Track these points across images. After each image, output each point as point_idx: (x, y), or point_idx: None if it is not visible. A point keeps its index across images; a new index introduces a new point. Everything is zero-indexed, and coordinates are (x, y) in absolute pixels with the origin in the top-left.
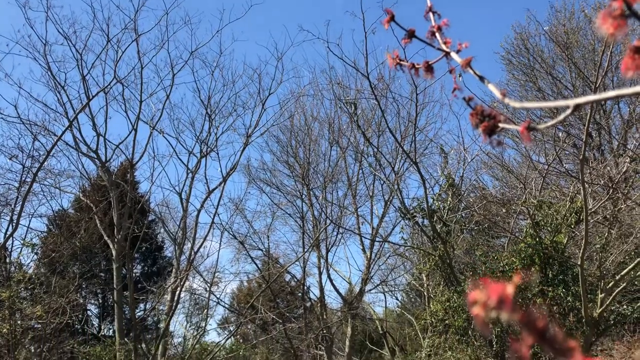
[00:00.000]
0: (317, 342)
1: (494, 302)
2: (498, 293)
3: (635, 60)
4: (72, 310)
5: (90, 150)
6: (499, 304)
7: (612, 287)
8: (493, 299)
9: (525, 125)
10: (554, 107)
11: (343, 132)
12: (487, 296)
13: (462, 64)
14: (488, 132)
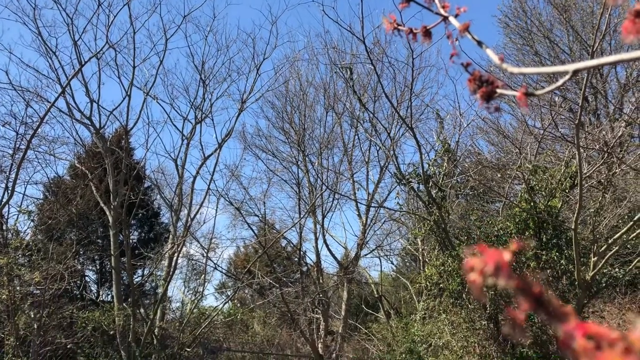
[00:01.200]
0: (313, 306)
1: (491, 269)
2: (495, 260)
3: (636, 24)
4: (70, 276)
5: (84, 116)
6: (496, 271)
7: (604, 251)
8: (490, 266)
9: (522, 92)
10: (552, 72)
11: (339, 98)
12: (484, 263)
13: (460, 29)
14: (486, 98)
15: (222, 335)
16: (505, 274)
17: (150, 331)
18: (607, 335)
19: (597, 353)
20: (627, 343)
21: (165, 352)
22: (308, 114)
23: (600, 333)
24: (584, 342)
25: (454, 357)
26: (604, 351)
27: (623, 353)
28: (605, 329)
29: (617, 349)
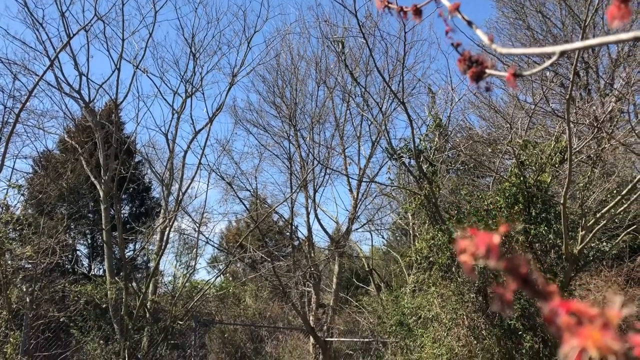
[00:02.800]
0: (305, 280)
1: (482, 252)
2: (486, 243)
3: (621, 10)
4: (61, 250)
5: (73, 90)
6: (486, 253)
7: (592, 225)
8: (481, 249)
9: (511, 72)
10: (540, 53)
11: (330, 72)
12: (476, 246)
13: (450, 9)
14: (475, 78)
15: (215, 308)
16: (495, 256)
17: (143, 304)
18: (587, 312)
19: (578, 328)
20: (606, 319)
21: (157, 325)
22: (299, 88)
23: (581, 310)
24: (566, 319)
25: (443, 328)
26: (584, 326)
27: (601, 328)
28: (587, 306)
29: (596, 324)
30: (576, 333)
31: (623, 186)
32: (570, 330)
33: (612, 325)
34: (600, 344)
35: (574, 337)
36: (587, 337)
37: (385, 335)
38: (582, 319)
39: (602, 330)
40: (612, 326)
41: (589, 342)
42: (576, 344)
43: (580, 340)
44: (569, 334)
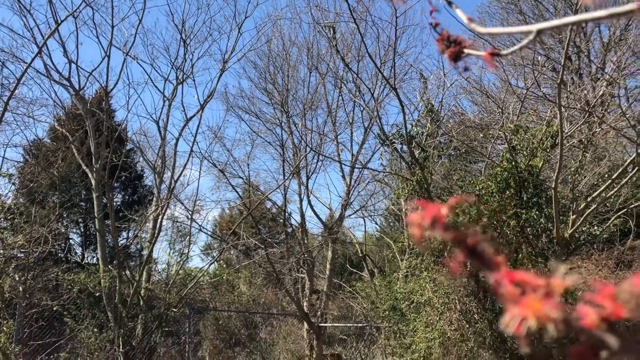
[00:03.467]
0: (298, 266)
1: (428, 222)
2: (432, 214)
3: None
4: (54, 239)
5: (62, 77)
6: (432, 224)
7: (583, 209)
8: (427, 220)
9: (489, 52)
10: (517, 32)
11: (322, 58)
12: (423, 217)
13: None
14: (454, 58)
15: (209, 295)
16: (441, 226)
17: (137, 292)
18: (531, 281)
19: (521, 298)
20: (548, 288)
21: (151, 312)
22: (291, 75)
23: (525, 280)
24: (511, 288)
25: (435, 313)
26: (527, 296)
27: (544, 297)
28: (531, 276)
29: (539, 293)
30: (518, 302)
31: (614, 170)
32: (514, 300)
33: (555, 294)
34: (540, 312)
35: (516, 306)
36: (528, 306)
37: (378, 320)
38: (526, 288)
39: (543, 299)
40: (555, 295)
41: (528, 311)
42: (517, 313)
43: (520, 309)
44: (511, 303)
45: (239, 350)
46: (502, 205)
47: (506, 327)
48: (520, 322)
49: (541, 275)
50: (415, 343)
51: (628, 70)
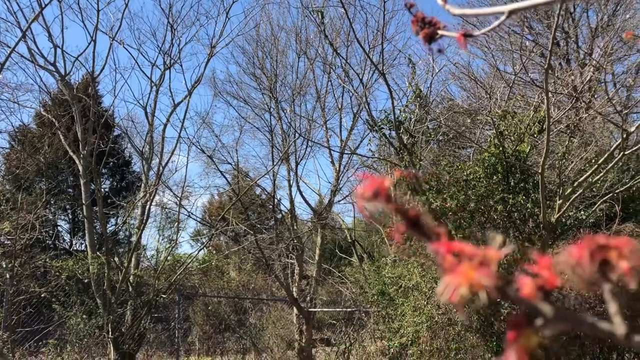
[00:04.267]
0: (288, 252)
1: (370, 194)
2: (374, 186)
3: None
4: (41, 226)
5: (47, 62)
6: (374, 195)
7: (569, 194)
8: (369, 191)
9: (461, 33)
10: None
11: (311, 43)
12: (364, 188)
13: None
14: (428, 39)
15: (198, 281)
16: (383, 198)
17: (125, 279)
18: (467, 251)
19: (457, 266)
20: (484, 257)
21: (140, 298)
22: (280, 60)
23: (462, 249)
24: (449, 258)
25: (423, 297)
26: (461, 265)
27: (478, 265)
28: (469, 246)
29: (474, 262)
30: (455, 271)
31: (601, 155)
32: (451, 269)
33: (490, 263)
34: (472, 280)
35: (451, 275)
36: (462, 274)
37: (367, 305)
38: (462, 258)
39: (478, 267)
40: (490, 264)
41: (462, 279)
42: (451, 281)
43: (454, 277)
44: (448, 272)
45: (229, 335)
46: (489, 191)
47: (440, 295)
48: (454, 290)
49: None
50: (403, 327)
51: (615, 56)
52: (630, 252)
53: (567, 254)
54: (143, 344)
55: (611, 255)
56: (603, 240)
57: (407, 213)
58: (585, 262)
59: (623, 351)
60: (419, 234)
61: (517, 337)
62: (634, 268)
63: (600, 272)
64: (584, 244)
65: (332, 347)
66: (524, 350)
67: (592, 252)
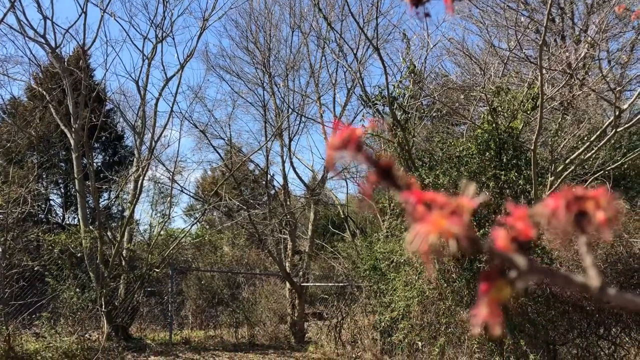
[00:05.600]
0: (281, 227)
1: (339, 143)
2: (344, 134)
3: None
4: (33, 199)
5: (37, 34)
6: (344, 144)
7: (561, 171)
8: (339, 140)
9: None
10: None
11: (305, 17)
12: (335, 138)
13: None
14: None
15: (191, 256)
16: (353, 147)
17: (118, 253)
18: (439, 200)
19: (427, 215)
20: (456, 206)
21: (133, 272)
22: (273, 34)
23: (434, 199)
24: (419, 207)
25: (414, 272)
26: (432, 213)
27: (450, 214)
28: (440, 196)
29: (446, 211)
30: (423, 220)
31: (593, 133)
32: (421, 218)
33: (462, 213)
34: (442, 229)
35: (421, 223)
36: (432, 223)
37: (359, 280)
38: (433, 206)
39: (450, 216)
40: (462, 214)
41: (431, 228)
42: (420, 230)
43: (424, 226)
44: (417, 221)
45: (222, 309)
46: (481, 167)
47: (409, 244)
48: (423, 239)
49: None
50: (394, 301)
51: (610, 33)
52: (608, 203)
53: (543, 205)
54: (136, 318)
55: (588, 206)
56: (580, 192)
57: (378, 163)
58: (561, 213)
59: (610, 325)
60: (389, 184)
61: (488, 290)
62: (610, 219)
63: (576, 223)
64: (561, 195)
65: (324, 321)
66: (495, 303)
67: (568, 203)
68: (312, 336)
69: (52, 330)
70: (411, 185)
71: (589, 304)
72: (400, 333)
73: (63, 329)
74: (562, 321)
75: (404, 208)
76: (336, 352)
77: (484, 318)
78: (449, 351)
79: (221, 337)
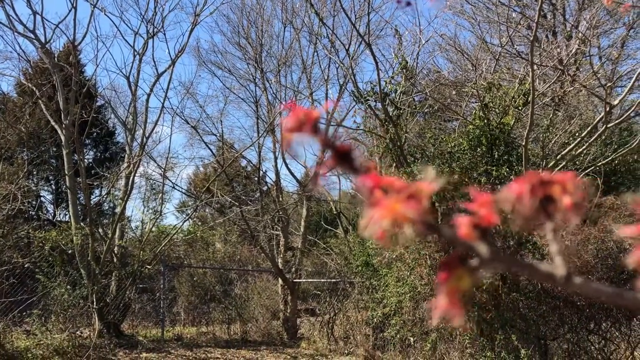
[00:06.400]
0: (273, 223)
1: (294, 125)
2: (299, 115)
3: None
4: (23, 196)
5: (27, 29)
6: (299, 126)
7: (552, 167)
8: (293, 121)
9: None
10: None
11: (297, 12)
12: (289, 119)
13: None
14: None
15: (183, 252)
16: (309, 129)
17: (110, 249)
18: (396, 184)
19: (385, 200)
20: (414, 191)
21: (125, 269)
22: (265, 29)
23: (391, 183)
24: (376, 192)
25: (406, 268)
26: (388, 198)
27: (407, 198)
28: (399, 181)
29: (402, 195)
30: (380, 204)
31: (585, 129)
32: (377, 203)
33: (420, 197)
34: (397, 213)
35: (376, 208)
36: (387, 207)
37: (351, 276)
38: (390, 191)
39: (407, 200)
40: (420, 198)
41: (386, 212)
42: (374, 215)
43: (379, 210)
44: (373, 206)
45: (214, 305)
46: (473, 163)
47: (364, 230)
48: (377, 224)
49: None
50: (386, 297)
51: (602, 29)
52: (574, 187)
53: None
54: (128, 315)
55: (554, 191)
56: (546, 176)
57: (335, 146)
58: (526, 198)
59: (600, 320)
60: (347, 168)
61: (447, 279)
62: (576, 204)
63: (542, 209)
64: (526, 179)
65: (317, 317)
66: (454, 292)
67: (533, 187)
68: (305, 332)
69: (43, 327)
70: (369, 169)
71: (579, 299)
72: (393, 329)
73: (54, 326)
74: (553, 316)
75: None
76: (329, 348)
77: (443, 308)
78: (440, 347)
79: (213, 334)
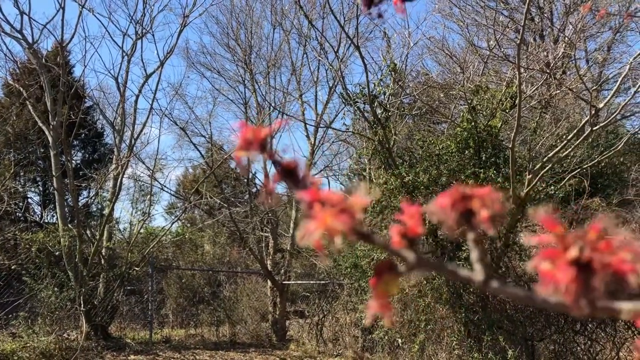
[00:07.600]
0: (262, 225)
1: (243, 143)
2: (247, 134)
3: None
4: (10, 197)
5: (14, 30)
6: (247, 144)
7: (539, 169)
8: (242, 140)
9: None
10: None
11: (286, 14)
12: (238, 139)
13: None
14: (367, 4)
15: (172, 254)
16: (256, 147)
17: (98, 251)
18: (332, 199)
19: (319, 213)
20: (347, 205)
21: (113, 271)
22: (255, 31)
23: (329, 198)
24: (315, 205)
25: None
26: (324, 211)
27: (339, 212)
28: (335, 195)
29: (335, 209)
30: (316, 218)
31: (571, 131)
32: (313, 216)
33: (353, 211)
34: (328, 225)
35: (310, 221)
36: (321, 220)
37: (340, 278)
38: (326, 205)
39: (338, 214)
40: (352, 212)
41: (318, 224)
42: (309, 227)
43: (313, 223)
44: (310, 219)
45: (203, 307)
46: (461, 165)
47: (300, 240)
48: (311, 235)
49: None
50: None
51: (588, 33)
52: (491, 201)
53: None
54: (116, 317)
55: (474, 204)
56: (468, 190)
57: (281, 162)
58: (449, 210)
59: (586, 321)
60: (291, 183)
61: (377, 283)
62: (492, 216)
63: (465, 220)
64: (449, 193)
65: (306, 319)
66: (384, 296)
67: (454, 202)
68: (294, 334)
69: (30, 330)
70: (312, 185)
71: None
72: (381, 330)
73: (41, 328)
74: (539, 317)
75: (385, 206)
76: (317, 350)
77: (375, 310)
78: (428, 348)
79: (202, 336)
